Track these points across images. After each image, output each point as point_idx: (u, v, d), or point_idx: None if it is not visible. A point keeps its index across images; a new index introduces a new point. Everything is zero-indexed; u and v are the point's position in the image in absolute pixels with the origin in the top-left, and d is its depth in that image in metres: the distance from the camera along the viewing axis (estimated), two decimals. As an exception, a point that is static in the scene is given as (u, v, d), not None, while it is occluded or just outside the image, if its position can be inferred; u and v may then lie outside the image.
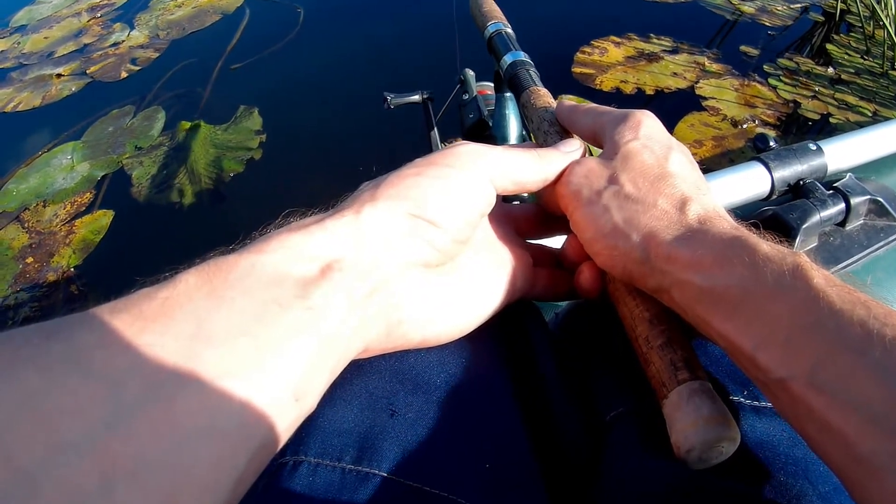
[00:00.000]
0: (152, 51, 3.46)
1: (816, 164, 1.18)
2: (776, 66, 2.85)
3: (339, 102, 2.99)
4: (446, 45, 3.24)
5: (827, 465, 0.41)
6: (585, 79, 2.86)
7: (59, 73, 3.44)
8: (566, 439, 0.55)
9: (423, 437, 0.48)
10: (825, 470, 0.52)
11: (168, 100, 3.10)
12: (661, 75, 2.83)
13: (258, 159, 2.72)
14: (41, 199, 2.71)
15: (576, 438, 0.58)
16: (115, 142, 2.92)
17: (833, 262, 1.14)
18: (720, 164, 2.41)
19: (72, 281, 2.36)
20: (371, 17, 3.58)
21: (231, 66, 3.22)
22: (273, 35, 3.40)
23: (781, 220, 1.12)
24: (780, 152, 1.18)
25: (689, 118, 2.62)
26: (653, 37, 3.08)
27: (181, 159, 2.75)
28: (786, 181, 1.16)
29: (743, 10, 3.22)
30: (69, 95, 3.28)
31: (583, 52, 3.02)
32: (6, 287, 2.37)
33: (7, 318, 2.26)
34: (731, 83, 2.76)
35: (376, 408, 0.49)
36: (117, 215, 2.58)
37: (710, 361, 0.58)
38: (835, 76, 2.77)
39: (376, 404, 0.49)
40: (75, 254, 2.45)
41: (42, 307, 2.29)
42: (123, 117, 3.06)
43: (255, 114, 2.94)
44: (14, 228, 2.60)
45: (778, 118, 2.59)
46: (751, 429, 0.54)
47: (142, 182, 2.68)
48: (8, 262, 2.47)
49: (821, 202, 1.13)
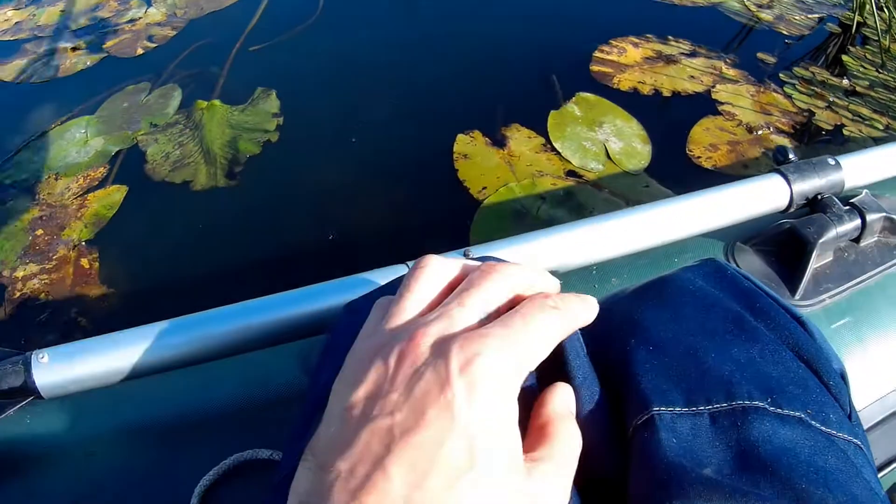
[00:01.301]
0: (169, 29, 3.44)
1: (834, 179, 1.20)
2: (792, 74, 2.86)
3: (358, 90, 2.99)
4: (470, 35, 3.26)
5: None
6: (603, 77, 2.88)
7: (74, 47, 3.41)
8: (593, 449, 0.55)
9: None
10: (844, 479, 0.54)
11: (184, 78, 3.10)
12: (678, 78, 2.85)
13: (275, 142, 2.73)
14: (53, 171, 2.71)
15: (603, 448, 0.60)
16: (129, 118, 2.91)
17: (847, 279, 1.15)
18: (734, 169, 2.43)
19: (83, 255, 2.36)
20: (391, 5, 3.58)
21: (250, 47, 3.21)
22: (292, 18, 3.38)
23: (798, 235, 1.13)
24: (800, 165, 1.19)
25: (704, 122, 2.64)
26: (671, 39, 3.09)
27: (197, 138, 2.75)
28: (804, 195, 1.17)
29: (761, 17, 3.23)
30: (84, 69, 3.26)
31: (601, 50, 3.03)
32: (15, 258, 2.38)
33: (16, 290, 2.27)
34: (748, 89, 2.78)
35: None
36: (131, 191, 2.58)
37: (736, 367, 0.60)
38: (849, 88, 2.79)
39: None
40: (87, 228, 2.45)
41: (52, 280, 2.30)
42: (139, 93, 3.05)
43: (272, 96, 2.93)
44: (25, 200, 2.60)
45: (792, 126, 2.61)
46: (774, 435, 0.56)
47: (156, 159, 2.69)
48: (18, 233, 2.47)
49: (837, 217, 1.14)
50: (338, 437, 0.46)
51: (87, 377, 0.96)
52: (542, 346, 0.50)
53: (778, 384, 0.60)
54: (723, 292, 0.70)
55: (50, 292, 2.26)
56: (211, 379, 1.05)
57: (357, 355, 0.51)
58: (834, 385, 0.62)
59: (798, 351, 0.64)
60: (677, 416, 0.58)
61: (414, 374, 0.46)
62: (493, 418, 0.45)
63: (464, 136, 2.67)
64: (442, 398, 0.44)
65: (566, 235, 1.10)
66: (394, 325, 0.51)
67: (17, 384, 0.93)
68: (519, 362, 0.48)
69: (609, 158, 2.54)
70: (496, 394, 0.46)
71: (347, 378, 0.50)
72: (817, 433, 0.57)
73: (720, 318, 0.66)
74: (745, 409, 0.57)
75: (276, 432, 0.97)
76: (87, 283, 2.27)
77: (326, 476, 0.44)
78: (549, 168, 2.51)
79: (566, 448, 0.50)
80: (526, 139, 2.64)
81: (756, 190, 1.16)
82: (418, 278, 0.54)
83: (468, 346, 0.46)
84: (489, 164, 2.55)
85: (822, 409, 0.59)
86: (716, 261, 0.75)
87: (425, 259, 0.56)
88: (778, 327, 0.66)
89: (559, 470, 0.49)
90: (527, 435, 0.50)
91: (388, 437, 0.43)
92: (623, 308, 0.71)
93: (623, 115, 2.72)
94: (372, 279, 1.04)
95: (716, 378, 0.60)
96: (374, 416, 0.45)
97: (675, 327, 0.66)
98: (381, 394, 0.46)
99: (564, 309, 0.53)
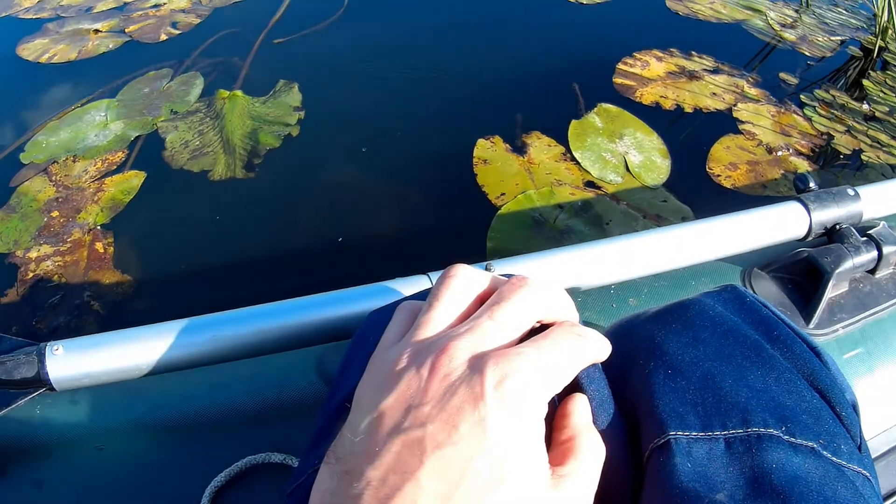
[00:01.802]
0: (194, 16, 3.45)
1: (853, 210, 1.20)
2: (812, 96, 2.85)
3: (381, 89, 2.99)
4: (496, 39, 3.26)
5: None
6: (625, 90, 2.88)
7: (97, 29, 3.42)
8: (608, 472, 0.55)
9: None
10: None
11: (206, 66, 3.10)
12: (700, 94, 2.84)
13: (295, 136, 2.73)
14: (71, 153, 2.70)
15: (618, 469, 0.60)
16: (150, 103, 2.91)
17: (861, 309, 1.15)
18: (753, 189, 2.42)
19: (97, 239, 2.36)
20: (417, 5, 3.58)
21: (274, 39, 3.21)
22: (317, 13, 3.39)
23: (816, 264, 1.14)
24: (820, 195, 1.20)
25: (725, 140, 2.63)
26: (695, 55, 3.08)
27: (217, 128, 2.75)
28: (823, 224, 1.18)
29: (784, 36, 3.22)
30: (106, 52, 3.27)
31: (625, 62, 3.03)
32: (29, 238, 2.38)
33: (28, 271, 2.27)
34: (769, 109, 2.77)
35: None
36: (149, 177, 2.58)
37: (752, 394, 0.61)
38: (869, 113, 2.78)
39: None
40: (103, 212, 2.45)
41: (65, 263, 2.29)
42: (160, 80, 3.05)
43: (294, 89, 2.93)
44: (41, 180, 2.60)
45: (811, 149, 2.60)
46: (787, 462, 0.56)
47: (175, 147, 2.69)
48: (32, 213, 2.47)
49: (854, 248, 1.14)
50: (367, 445, 0.47)
51: (101, 372, 0.96)
52: (569, 371, 0.51)
53: (792, 413, 0.60)
54: (742, 319, 0.70)
55: (63, 275, 2.26)
56: (226, 379, 1.06)
57: (385, 363, 0.51)
58: (846, 416, 0.63)
59: (813, 381, 0.64)
60: (693, 440, 0.59)
61: (448, 388, 0.47)
62: (523, 435, 0.46)
63: (484, 140, 2.66)
64: (476, 413, 0.45)
65: (587, 253, 1.11)
66: (425, 335, 0.52)
67: (30, 375, 0.94)
68: (548, 384, 0.49)
69: (628, 171, 2.54)
70: (527, 412, 0.47)
71: (376, 385, 0.50)
72: (828, 463, 0.58)
73: (738, 345, 0.66)
74: (759, 436, 0.58)
75: (290, 436, 0.98)
76: (101, 268, 2.27)
77: (355, 483, 0.45)
78: (567, 177, 2.51)
79: (590, 462, 0.51)
80: (546, 147, 2.63)
81: (776, 217, 1.17)
82: (449, 287, 0.55)
83: (503, 364, 0.47)
84: (509, 170, 2.54)
85: (834, 440, 0.60)
86: (736, 287, 0.75)
87: (455, 268, 0.56)
88: (794, 356, 0.66)
89: (584, 483, 0.50)
90: (551, 448, 0.51)
91: (420, 448, 0.44)
92: (644, 330, 0.71)
93: (644, 128, 2.71)
94: (393, 288, 1.04)
95: (732, 404, 0.61)
96: (405, 427, 0.46)
97: (693, 352, 0.66)
98: (414, 405, 0.47)
99: (589, 340, 0.53)
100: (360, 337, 0.73)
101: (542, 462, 0.48)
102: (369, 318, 0.76)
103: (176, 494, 0.95)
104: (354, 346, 0.73)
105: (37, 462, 0.99)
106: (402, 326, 0.55)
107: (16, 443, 1.00)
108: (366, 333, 0.72)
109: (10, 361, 0.93)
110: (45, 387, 0.95)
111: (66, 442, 1.01)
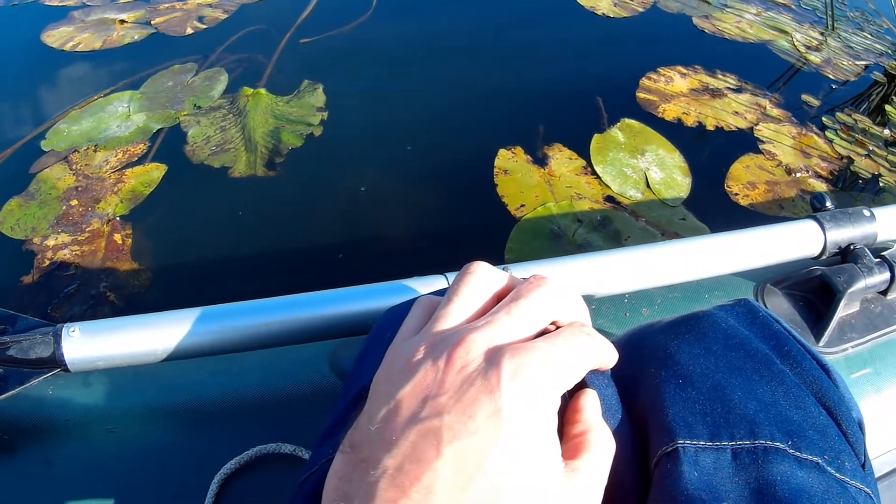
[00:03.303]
0: (221, 12, 3.45)
1: (868, 231, 1.20)
2: (834, 119, 2.86)
3: (405, 93, 3.00)
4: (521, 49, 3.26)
5: None
6: (648, 105, 2.88)
7: (123, 20, 3.42)
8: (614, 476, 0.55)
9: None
10: None
11: (231, 63, 3.11)
12: (723, 112, 2.84)
13: (318, 136, 2.72)
14: (92, 143, 2.71)
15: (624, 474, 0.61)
16: (174, 97, 2.92)
17: (871, 330, 1.16)
18: (769, 208, 2.43)
19: (116, 230, 2.36)
20: (445, 12, 3.58)
21: (301, 39, 3.21)
22: (344, 14, 3.39)
23: (828, 282, 1.14)
24: (836, 215, 1.20)
25: (745, 159, 2.64)
26: (718, 73, 3.08)
27: (239, 125, 2.75)
28: (837, 244, 1.18)
29: (809, 58, 3.22)
30: (131, 43, 3.27)
31: (649, 77, 3.04)
32: (47, 226, 2.38)
33: (45, 258, 2.28)
34: (790, 130, 2.77)
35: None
36: (169, 171, 2.58)
37: (760, 407, 0.62)
38: (890, 138, 2.78)
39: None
40: (122, 203, 2.46)
41: (83, 253, 2.30)
42: (185, 73, 3.06)
43: (319, 90, 2.93)
44: (61, 168, 2.60)
45: (830, 172, 2.60)
46: (792, 475, 0.57)
47: (197, 141, 2.69)
48: (51, 201, 2.47)
49: (868, 269, 1.15)
50: (383, 433, 0.47)
51: (117, 355, 0.97)
52: (581, 367, 0.51)
53: (799, 428, 0.61)
54: (753, 333, 0.71)
55: (80, 264, 2.26)
56: (239, 369, 1.07)
57: (403, 354, 0.52)
58: (852, 434, 0.64)
59: (821, 397, 0.65)
60: (701, 449, 0.60)
61: (465, 379, 0.47)
62: (538, 427, 0.47)
63: (506, 151, 2.66)
64: (492, 404, 0.45)
65: (602, 261, 1.12)
66: (442, 328, 0.52)
67: (45, 355, 0.94)
68: (561, 378, 0.49)
69: (648, 187, 2.54)
70: (541, 405, 0.47)
71: (393, 375, 0.51)
72: (832, 479, 0.59)
73: (749, 358, 0.68)
74: (766, 448, 0.59)
75: (300, 429, 0.98)
76: (119, 259, 2.28)
77: (371, 470, 0.45)
78: (588, 192, 2.51)
79: (602, 457, 0.52)
80: (567, 160, 2.63)
81: (791, 234, 1.17)
82: (468, 283, 0.55)
83: (518, 357, 0.47)
84: (529, 181, 2.54)
85: (839, 457, 0.61)
86: (749, 302, 0.76)
87: (474, 265, 0.57)
88: (804, 372, 0.67)
89: (596, 477, 0.50)
90: (563, 442, 0.51)
91: (437, 438, 0.45)
92: (656, 340, 0.72)
93: (666, 145, 2.71)
94: (410, 286, 1.05)
95: (740, 416, 0.62)
96: (422, 416, 0.46)
97: (704, 363, 0.67)
98: (431, 395, 0.47)
99: (598, 342, 0.54)
100: (377, 332, 0.74)
101: (556, 454, 0.48)
102: (387, 315, 0.77)
103: (185, 479, 0.96)
104: (371, 341, 0.74)
105: (47, 442, 1.00)
106: (420, 320, 0.56)
107: (27, 422, 1.01)
108: (383, 329, 0.73)
109: (26, 341, 0.94)
110: (60, 367, 0.96)
111: (77, 423, 1.02)
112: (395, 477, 0.44)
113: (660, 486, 0.59)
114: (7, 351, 0.93)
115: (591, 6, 3.52)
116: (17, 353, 0.93)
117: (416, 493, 0.43)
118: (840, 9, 3.68)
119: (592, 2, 3.55)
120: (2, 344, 0.94)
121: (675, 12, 3.53)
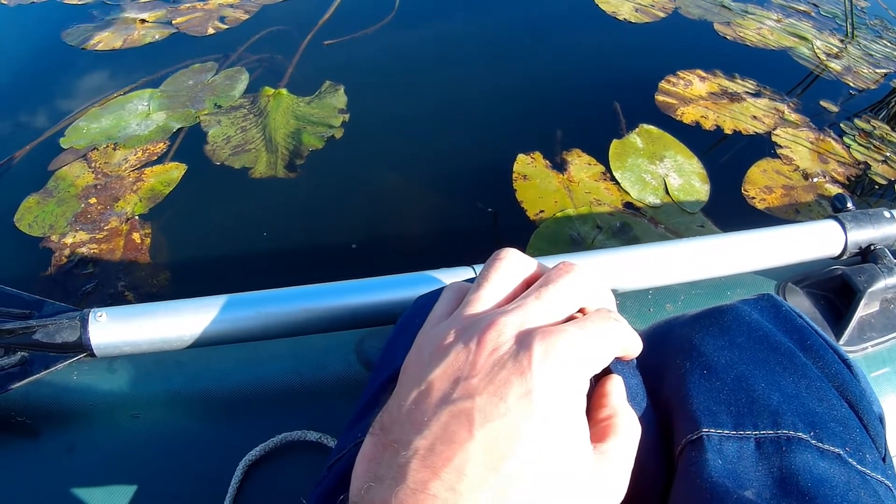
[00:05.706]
0: (242, 12, 3.47)
1: (888, 232, 1.20)
2: (852, 125, 2.86)
3: (426, 96, 3.00)
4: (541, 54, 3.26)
5: None
6: (667, 108, 2.89)
7: (143, 19, 3.44)
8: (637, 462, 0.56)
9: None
10: None
11: (252, 63, 3.12)
12: (741, 116, 2.85)
13: (339, 138, 2.72)
14: (112, 141, 2.71)
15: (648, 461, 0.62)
16: (194, 96, 2.93)
17: (890, 329, 1.16)
18: (785, 212, 2.43)
19: (135, 229, 2.37)
20: (466, 15, 3.59)
21: (321, 40, 3.23)
22: (366, 16, 3.40)
23: (849, 282, 1.14)
24: (857, 215, 1.20)
25: (762, 163, 2.64)
26: (738, 77, 3.09)
27: (260, 125, 2.76)
28: (858, 244, 1.18)
29: (829, 66, 3.22)
30: (151, 42, 3.28)
31: (668, 80, 3.05)
32: (65, 224, 2.39)
33: (63, 256, 2.28)
34: (807, 135, 2.77)
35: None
36: (189, 170, 2.59)
37: (784, 398, 0.63)
38: (907, 146, 2.79)
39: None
40: (141, 202, 2.46)
41: (101, 251, 2.30)
42: (205, 73, 3.07)
43: (340, 91, 2.93)
44: (80, 166, 2.61)
45: (847, 177, 2.61)
46: (814, 465, 0.58)
47: (217, 141, 2.70)
48: (70, 199, 2.48)
49: (888, 269, 1.15)
50: (414, 415, 0.47)
51: (143, 341, 0.97)
52: (609, 351, 0.51)
53: (821, 419, 0.62)
54: (777, 327, 0.72)
55: (98, 263, 2.27)
56: (265, 357, 1.07)
57: (433, 337, 0.52)
58: (873, 427, 0.65)
59: (843, 391, 0.66)
60: (725, 438, 0.60)
61: (496, 361, 0.47)
62: (569, 409, 0.47)
63: (525, 156, 2.66)
64: (523, 386, 0.45)
65: (627, 256, 1.13)
66: (473, 311, 0.52)
67: (72, 339, 0.95)
68: (591, 361, 0.49)
69: (667, 194, 2.53)
70: (572, 386, 0.47)
71: (424, 358, 0.51)
72: (853, 470, 0.59)
73: (772, 351, 0.68)
74: (789, 438, 0.60)
75: (326, 417, 0.99)
76: (137, 258, 2.28)
77: (403, 451, 0.45)
78: (607, 198, 2.51)
79: (629, 440, 0.52)
80: (586, 166, 2.64)
81: (813, 234, 1.18)
82: (498, 269, 0.55)
83: (549, 340, 0.47)
84: (548, 187, 2.54)
85: (860, 449, 0.62)
86: (772, 297, 0.76)
87: (504, 251, 0.57)
88: (826, 366, 0.68)
89: (624, 460, 0.51)
90: (591, 425, 0.51)
91: (469, 419, 0.45)
92: (681, 332, 0.73)
93: (685, 151, 2.71)
94: (437, 277, 1.05)
95: (764, 406, 0.63)
96: (454, 398, 0.46)
97: (728, 354, 0.68)
98: (462, 377, 0.47)
99: (625, 328, 0.54)
100: (407, 319, 0.75)
101: (586, 437, 0.49)
102: (416, 302, 0.78)
103: (209, 466, 0.96)
104: (400, 328, 0.75)
105: (71, 427, 1.00)
106: (450, 305, 0.56)
107: (50, 407, 1.02)
108: (412, 315, 0.73)
109: (52, 325, 0.94)
110: (85, 352, 0.96)
111: (101, 408, 1.02)
112: (426, 458, 0.44)
113: (684, 474, 0.60)
114: (33, 335, 0.94)
115: (612, 11, 3.54)
116: (43, 338, 0.93)
117: (448, 473, 0.43)
118: (860, 17, 3.68)
119: (614, 7, 3.57)
120: (28, 328, 0.94)
121: (697, 18, 3.54)
